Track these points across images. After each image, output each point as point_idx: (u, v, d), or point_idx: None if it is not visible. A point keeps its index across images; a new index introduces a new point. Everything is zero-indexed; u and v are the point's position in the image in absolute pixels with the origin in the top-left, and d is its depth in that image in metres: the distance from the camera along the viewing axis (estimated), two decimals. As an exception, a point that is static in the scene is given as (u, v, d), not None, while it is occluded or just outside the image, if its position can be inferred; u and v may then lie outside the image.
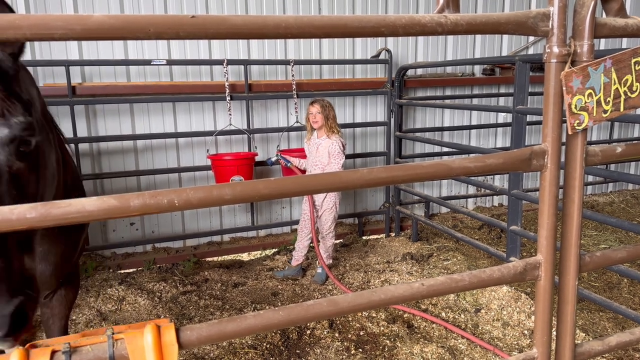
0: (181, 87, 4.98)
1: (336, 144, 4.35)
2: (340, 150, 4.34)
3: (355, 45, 5.70)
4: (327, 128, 4.39)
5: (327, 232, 4.59)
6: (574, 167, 1.52)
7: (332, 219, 4.56)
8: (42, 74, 4.64)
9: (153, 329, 1.18)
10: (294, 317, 1.34)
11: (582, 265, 1.61)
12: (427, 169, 1.40)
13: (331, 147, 4.35)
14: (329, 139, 4.39)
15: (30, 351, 1.13)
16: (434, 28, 1.27)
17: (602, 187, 7.41)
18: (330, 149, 4.35)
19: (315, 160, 4.46)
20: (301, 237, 4.66)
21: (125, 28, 1.05)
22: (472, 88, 6.36)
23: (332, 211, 4.53)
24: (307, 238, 4.63)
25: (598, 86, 1.51)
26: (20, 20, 1.01)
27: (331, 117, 4.38)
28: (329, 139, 4.38)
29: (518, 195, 3.98)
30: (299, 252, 4.69)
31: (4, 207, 1.07)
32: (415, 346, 3.38)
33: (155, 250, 5.22)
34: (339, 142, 4.38)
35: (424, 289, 1.46)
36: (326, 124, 4.38)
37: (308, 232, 4.60)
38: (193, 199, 1.17)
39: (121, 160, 4.96)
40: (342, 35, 1.22)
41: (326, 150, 4.37)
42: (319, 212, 4.54)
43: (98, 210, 1.10)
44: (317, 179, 1.36)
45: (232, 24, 1.10)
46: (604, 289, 4.33)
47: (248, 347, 3.38)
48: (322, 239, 4.63)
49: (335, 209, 4.56)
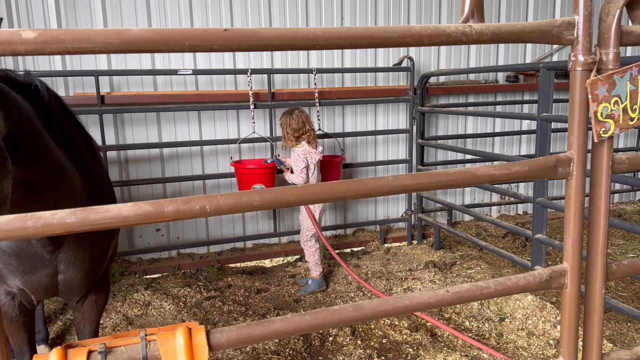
0: (206, 96, 5.08)
1: (294, 154, 4.42)
2: (296, 158, 4.37)
3: (377, 53, 5.73)
4: (289, 142, 4.47)
5: (303, 241, 4.60)
6: (600, 175, 1.52)
7: (306, 227, 4.56)
8: (72, 83, 4.78)
9: (184, 331, 1.22)
10: (320, 322, 1.36)
11: (609, 273, 1.60)
12: (453, 176, 1.41)
13: (293, 155, 4.45)
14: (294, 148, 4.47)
15: (67, 351, 1.18)
16: (459, 38, 1.29)
17: (629, 195, 7.27)
18: (293, 156, 4.44)
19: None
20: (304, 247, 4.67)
21: (161, 41, 1.10)
22: (496, 95, 6.32)
23: (305, 217, 4.54)
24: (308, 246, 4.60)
25: (624, 94, 1.51)
26: (64, 35, 1.07)
27: (287, 132, 4.42)
28: (294, 149, 4.46)
29: (543, 204, 3.94)
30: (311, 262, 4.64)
31: (46, 212, 1.12)
32: (439, 355, 3.36)
33: (180, 256, 5.30)
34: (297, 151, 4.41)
35: (449, 296, 1.47)
36: (286, 140, 4.49)
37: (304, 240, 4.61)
38: (224, 205, 1.21)
39: (148, 167, 5.06)
40: (368, 46, 1.25)
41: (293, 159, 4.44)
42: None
43: (134, 216, 1.15)
44: (342, 186, 1.39)
45: (262, 37, 1.14)
46: (632, 299, 4.24)
47: (271, 353, 3.41)
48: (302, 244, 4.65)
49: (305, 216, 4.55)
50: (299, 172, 4.34)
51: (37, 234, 1.11)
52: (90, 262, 2.23)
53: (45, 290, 2.17)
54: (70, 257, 2.14)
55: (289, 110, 4.49)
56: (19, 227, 1.09)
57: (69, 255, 2.14)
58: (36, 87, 1.97)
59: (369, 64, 5.71)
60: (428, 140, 5.67)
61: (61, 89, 4.73)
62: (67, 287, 2.21)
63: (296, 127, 4.40)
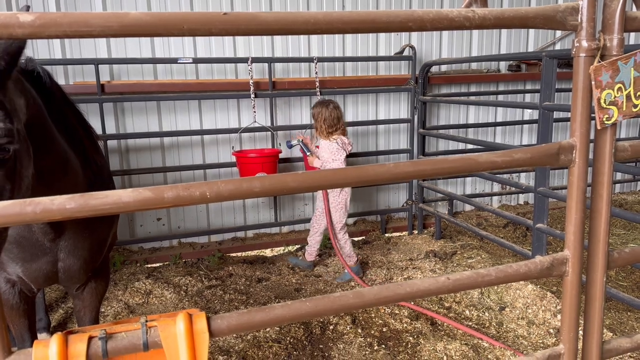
0: (207, 84, 5.05)
1: (333, 143, 4.43)
2: (337, 147, 4.40)
3: (378, 42, 5.69)
4: (321, 134, 4.50)
5: (334, 233, 4.59)
6: (603, 162, 1.51)
7: (338, 220, 4.57)
8: (72, 72, 4.76)
9: (185, 317, 1.22)
10: (320, 309, 1.36)
11: (611, 261, 1.60)
12: (454, 163, 1.40)
13: (329, 146, 4.44)
14: (326, 140, 4.48)
15: (68, 337, 1.18)
16: (461, 22, 1.27)
17: (630, 185, 7.26)
18: (329, 148, 4.44)
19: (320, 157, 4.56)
20: (313, 232, 4.76)
21: (160, 25, 1.08)
22: (498, 84, 6.29)
23: (338, 211, 4.55)
24: (318, 234, 4.70)
25: (628, 80, 1.50)
26: (61, 18, 1.05)
27: (321, 124, 4.45)
28: (327, 141, 4.48)
29: (544, 193, 3.93)
30: (311, 247, 4.77)
31: (45, 198, 1.12)
32: (439, 343, 3.37)
33: (181, 245, 5.31)
34: (335, 141, 4.43)
35: (450, 283, 1.46)
36: (318, 131, 4.51)
37: (319, 229, 4.67)
38: (224, 191, 1.20)
39: (148, 156, 5.05)
40: (370, 31, 1.23)
41: (326, 150, 4.46)
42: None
43: (134, 202, 1.14)
44: (344, 173, 1.38)
45: (262, 21, 1.13)
46: (632, 288, 4.24)
47: (272, 341, 3.42)
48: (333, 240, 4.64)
49: (344, 207, 4.57)
50: (341, 162, 4.38)
51: (36, 219, 1.11)
52: (90, 250, 2.23)
53: (45, 278, 2.17)
54: (70, 245, 2.14)
55: (325, 102, 4.50)
56: (17, 213, 1.08)
57: (69, 244, 2.14)
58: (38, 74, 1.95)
59: (370, 52, 5.67)
60: (429, 130, 5.65)
61: (61, 77, 4.71)
62: (67, 275, 2.22)
63: (330, 123, 4.44)
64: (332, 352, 3.34)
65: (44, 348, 1.13)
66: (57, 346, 1.13)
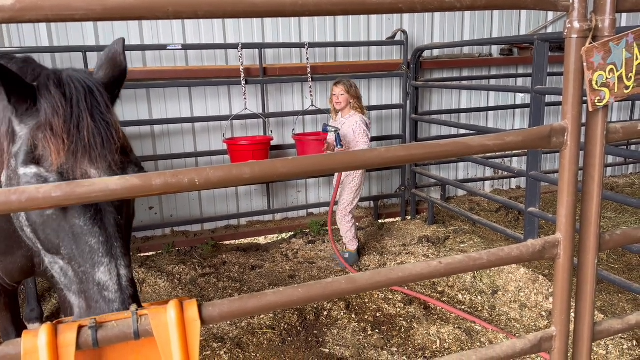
0: (197, 71, 5.00)
1: (360, 122, 4.34)
2: (365, 129, 4.32)
3: (370, 26, 5.64)
4: (352, 107, 4.41)
5: (342, 215, 4.55)
6: (595, 144, 1.50)
7: (349, 201, 4.50)
8: (59, 60, 4.69)
9: (176, 305, 1.21)
10: (313, 294, 1.36)
11: (602, 243, 1.60)
12: (446, 147, 1.39)
13: (355, 126, 4.34)
14: (352, 117, 4.40)
15: (58, 326, 1.17)
16: (452, 4, 1.25)
17: (622, 168, 7.30)
18: (354, 127, 4.34)
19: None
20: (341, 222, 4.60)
21: (144, 7, 1.06)
22: (490, 69, 6.27)
23: (352, 193, 4.48)
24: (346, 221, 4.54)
25: (620, 62, 1.49)
26: (42, 1, 1.02)
27: (356, 96, 4.39)
28: (353, 118, 4.39)
29: (536, 177, 3.94)
30: (342, 235, 4.62)
31: (30, 187, 1.10)
32: (432, 327, 3.40)
33: (174, 234, 5.29)
34: (362, 120, 4.37)
35: (442, 267, 1.46)
36: (351, 104, 4.41)
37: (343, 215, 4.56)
38: (213, 177, 1.19)
39: (139, 145, 5.01)
40: (360, 12, 1.21)
41: (350, 129, 4.35)
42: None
43: (121, 189, 1.12)
44: (334, 158, 1.37)
45: (250, 3, 1.10)
46: (623, 270, 4.28)
47: (266, 328, 3.43)
48: (338, 222, 4.59)
49: (357, 191, 4.49)
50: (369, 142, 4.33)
51: (22, 208, 1.09)
52: None
53: (20, 272, 2.11)
54: None
55: (349, 81, 4.45)
56: (2, 202, 1.06)
57: None
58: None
59: (362, 37, 5.62)
60: (422, 116, 5.63)
61: (48, 65, 4.60)
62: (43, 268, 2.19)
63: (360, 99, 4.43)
64: (327, 338, 3.36)
65: (33, 338, 1.12)
66: (46, 336, 1.12)
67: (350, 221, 4.57)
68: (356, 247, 4.61)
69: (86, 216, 1.40)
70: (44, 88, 1.47)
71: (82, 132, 1.43)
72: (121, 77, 1.73)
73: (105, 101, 1.53)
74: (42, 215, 1.44)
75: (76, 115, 1.44)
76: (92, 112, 1.47)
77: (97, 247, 1.39)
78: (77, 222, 1.40)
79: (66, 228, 1.42)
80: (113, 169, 1.46)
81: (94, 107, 1.49)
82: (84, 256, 1.39)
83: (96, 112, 1.48)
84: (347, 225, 4.56)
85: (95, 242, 1.39)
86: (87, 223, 1.40)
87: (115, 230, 1.43)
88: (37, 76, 1.63)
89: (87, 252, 1.39)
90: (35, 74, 1.69)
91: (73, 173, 1.40)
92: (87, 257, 1.39)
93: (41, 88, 1.47)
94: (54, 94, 1.45)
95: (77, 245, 1.40)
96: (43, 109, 1.44)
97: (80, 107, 1.46)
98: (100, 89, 1.55)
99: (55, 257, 1.49)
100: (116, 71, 1.72)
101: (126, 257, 1.43)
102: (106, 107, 1.52)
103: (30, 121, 1.47)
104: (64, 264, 1.46)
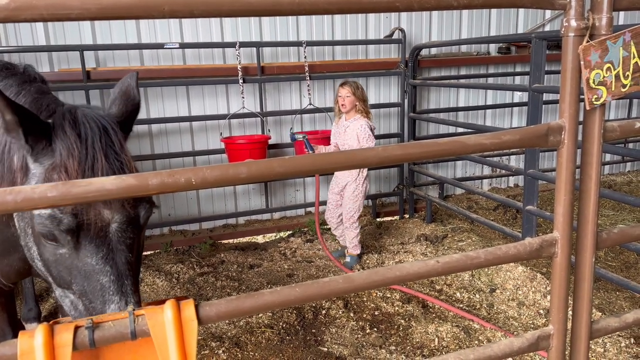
0: (194, 70, 4.99)
1: (365, 126, 4.25)
2: (369, 134, 4.24)
3: (368, 25, 5.64)
4: (357, 110, 4.33)
5: (350, 223, 4.47)
6: (592, 142, 1.50)
7: (355, 209, 4.43)
8: (57, 59, 4.68)
9: (173, 305, 1.21)
10: (310, 294, 1.35)
11: (600, 242, 1.60)
12: (442, 145, 1.39)
13: (360, 130, 4.24)
14: (357, 121, 4.30)
15: (54, 327, 1.16)
16: (449, 2, 1.25)
17: (619, 166, 7.31)
18: (358, 132, 4.24)
19: (342, 142, 4.38)
20: (332, 227, 4.63)
21: (140, 7, 1.05)
22: (488, 67, 6.27)
23: (355, 199, 4.40)
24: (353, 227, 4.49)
25: (617, 60, 1.49)
26: (37, 0, 1.02)
27: (363, 99, 4.32)
28: (358, 122, 4.29)
29: (534, 175, 3.94)
30: (348, 240, 4.55)
31: (26, 187, 1.09)
32: (430, 325, 3.40)
33: (172, 233, 5.29)
34: (367, 124, 4.28)
35: (439, 266, 1.46)
36: (357, 107, 4.32)
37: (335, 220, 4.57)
38: (209, 177, 1.18)
39: (137, 144, 5.00)
40: (356, 11, 1.21)
41: (354, 133, 4.26)
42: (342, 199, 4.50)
43: (117, 189, 1.12)
44: (331, 157, 1.36)
45: (246, 1, 1.10)
46: (621, 268, 4.29)
47: (265, 326, 3.43)
48: (345, 229, 4.55)
49: (360, 198, 4.41)
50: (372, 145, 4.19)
51: (17, 208, 1.08)
52: None
53: (17, 273, 2.11)
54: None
55: (355, 82, 4.37)
56: (-2, 202, 1.06)
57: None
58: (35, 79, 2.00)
59: (359, 36, 5.62)
60: (420, 114, 5.63)
61: (45, 64, 4.62)
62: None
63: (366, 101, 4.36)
64: (325, 337, 3.36)
65: (30, 338, 1.12)
66: (42, 336, 1.11)
67: (357, 227, 4.52)
68: (359, 252, 4.58)
69: (98, 255, 1.43)
70: (59, 128, 1.48)
71: (97, 173, 1.45)
72: (135, 111, 1.74)
73: (119, 140, 1.54)
74: (55, 254, 1.47)
75: (91, 156, 1.46)
76: (107, 152, 1.49)
77: (108, 285, 1.42)
78: (90, 261, 1.43)
79: (79, 266, 1.44)
80: (126, 208, 1.47)
81: (108, 147, 1.50)
82: (95, 293, 1.42)
83: (110, 152, 1.50)
84: (355, 231, 4.51)
85: (107, 280, 1.42)
86: (99, 262, 1.42)
87: (126, 268, 1.45)
88: (52, 112, 1.64)
89: (98, 290, 1.42)
90: (50, 109, 1.70)
91: (87, 214, 1.42)
92: (97, 294, 1.42)
93: (57, 128, 1.49)
94: (69, 134, 1.46)
95: (88, 283, 1.43)
96: (58, 150, 1.46)
97: (95, 147, 1.47)
98: (115, 127, 1.56)
99: (66, 291, 1.52)
100: (129, 106, 1.73)
101: (135, 294, 1.45)
102: (120, 146, 1.53)
103: (45, 160, 1.48)
104: (75, 298, 1.49)
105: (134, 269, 1.50)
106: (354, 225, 4.49)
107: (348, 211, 4.45)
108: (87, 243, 1.44)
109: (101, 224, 1.44)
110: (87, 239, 1.44)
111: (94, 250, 1.43)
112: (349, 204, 4.43)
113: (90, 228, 1.43)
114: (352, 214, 4.45)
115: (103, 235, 1.45)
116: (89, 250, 1.43)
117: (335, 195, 4.52)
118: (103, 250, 1.43)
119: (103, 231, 1.45)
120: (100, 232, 1.44)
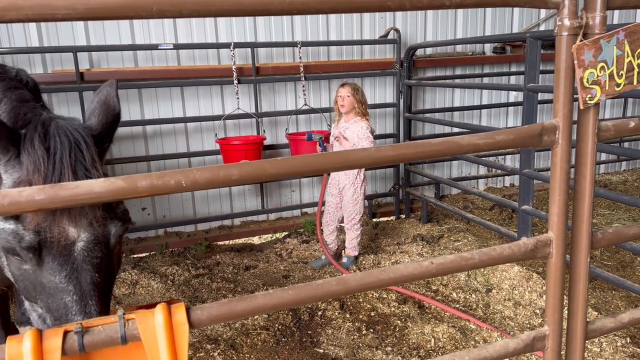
0: (189, 71, 4.97)
1: (366, 129, 4.25)
2: (369, 135, 4.24)
3: (363, 25, 5.63)
4: (357, 112, 4.31)
5: (351, 224, 4.47)
6: (586, 142, 1.50)
7: (357, 211, 4.43)
8: (50, 60, 4.65)
9: (164, 309, 1.19)
10: (303, 296, 1.34)
11: (595, 241, 1.60)
12: (436, 146, 1.38)
13: (360, 132, 4.24)
14: (358, 123, 4.29)
15: (43, 331, 1.14)
16: (441, 1, 1.24)
17: (615, 165, 7.33)
18: (358, 133, 4.24)
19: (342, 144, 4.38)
20: (328, 231, 4.60)
21: (128, 6, 1.04)
22: (483, 67, 6.28)
23: (355, 202, 4.40)
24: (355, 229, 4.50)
25: (610, 59, 1.48)
26: (23, 1, 1.00)
27: (362, 101, 4.31)
28: (358, 124, 4.29)
29: (530, 175, 3.94)
30: (347, 241, 4.56)
31: (13, 190, 1.08)
32: (427, 326, 3.39)
33: (167, 235, 5.26)
34: (368, 127, 4.28)
35: (434, 268, 1.45)
36: (356, 109, 4.30)
37: (333, 225, 4.56)
38: (200, 179, 1.17)
39: (131, 145, 4.98)
40: (348, 10, 1.20)
41: (354, 134, 4.26)
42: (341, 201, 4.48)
43: (106, 192, 1.10)
44: (324, 158, 1.35)
45: (236, 1, 1.08)
46: (616, 267, 4.30)
47: (260, 328, 3.41)
48: (346, 230, 4.54)
49: (360, 200, 4.41)
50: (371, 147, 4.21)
51: (3, 212, 1.07)
52: None
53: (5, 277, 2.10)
54: None
55: (355, 84, 4.37)
56: (-16, 206, 1.04)
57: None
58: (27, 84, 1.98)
59: (354, 36, 5.61)
60: (415, 114, 5.63)
61: (39, 66, 4.60)
62: None
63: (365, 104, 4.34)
64: (321, 338, 3.34)
65: (18, 344, 1.10)
66: (31, 341, 1.10)
67: (358, 229, 4.52)
68: (357, 253, 4.58)
69: (62, 274, 1.39)
70: (28, 141, 1.43)
71: None
72: (115, 121, 1.67)
73: (91, 155, 1.48)
74: (20, 268, 1.43)
75: (58, 171, 1.41)
76: (75, 168, 1.44)
77: (70, 305, 1.38)
78: (53, 279, 1.39)
79: (43, 282, 1.41)
80: (94, 226, 1.43)
81: (78, 162, 1.45)
82: (59, 311, 1.39)
83: (79, 168, 1.45)
84: (356, 232, 4.52)
85: (70, 300, 1.38)
86: (62, 281, 1.39)
87: (90, 288, 1.41)
88: (27, 122, 1.59)
89: (62, 308, 1.39)
90: (27, 119, 1.64)
91: (50, 231, 1.38)
92: (62, 312, 1.39)
93: (26, 140, 1.44)
94: (37, 148, 1.42)
95: (52, 300, 1.40)
96: (25, 164, 1.42)
97: (63, 162, 1.42)
98: (89, 141, 1.50)
99: (33, 304, 1.49)
100: (109, 116, 1.66)
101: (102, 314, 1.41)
102: (91, 162, 1.48)
103: (13, 172, 1.45)
104: (42, 312, 1.46)
105: (101, 289, 1.44)
106: (355, 227, 4.50)
107: (349, 214, 4.45)
108: (50, 261, 1.40)
109: (65, 242, 1.40)
110: (51, 257, 1.39)
111: (57, 269, 1.39)
112: (350, 207, 4.43)
113: (54, 246, 1.39)
114: (354, 216, 4.46)
115: (67, 254, 1.40)
116: (52, 268, 1.39)
117: (334, 197, 4.51)
118: (67, 269, 1.39)
119: (67, 249, 1.40)
120: (64, 251, 1.40)
